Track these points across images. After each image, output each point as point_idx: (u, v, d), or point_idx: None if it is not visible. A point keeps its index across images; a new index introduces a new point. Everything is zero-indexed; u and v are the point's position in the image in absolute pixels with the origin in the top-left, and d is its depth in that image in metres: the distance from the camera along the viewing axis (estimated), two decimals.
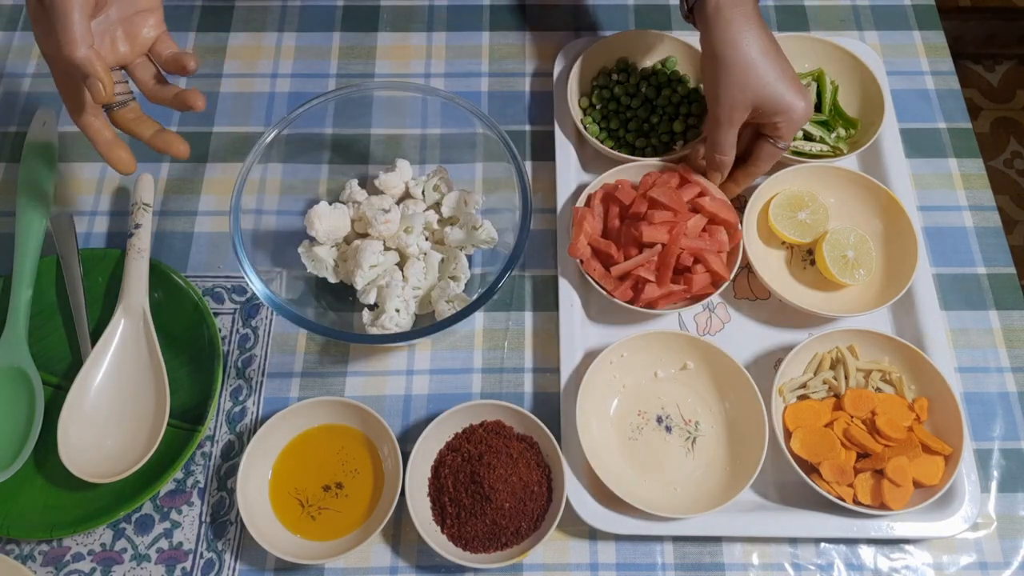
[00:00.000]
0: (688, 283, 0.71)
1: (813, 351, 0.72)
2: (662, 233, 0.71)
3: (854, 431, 0.67)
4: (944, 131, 0.87)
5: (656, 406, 0.72)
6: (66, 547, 0.67)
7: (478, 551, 0.65)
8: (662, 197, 0.72)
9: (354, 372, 0.74)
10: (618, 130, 0.82)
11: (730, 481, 0.67)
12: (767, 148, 0.73)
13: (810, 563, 0.67)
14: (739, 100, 0.68)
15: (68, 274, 0.74)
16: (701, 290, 0.72)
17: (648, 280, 0.71)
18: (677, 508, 0.66)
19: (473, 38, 0.92)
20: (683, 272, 0.72)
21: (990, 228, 0.81)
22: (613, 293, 0.72)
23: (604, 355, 0.70)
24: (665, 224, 0.71)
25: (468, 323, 0.76)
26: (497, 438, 0.67)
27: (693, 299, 0.73)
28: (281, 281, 0.72)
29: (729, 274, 0.72)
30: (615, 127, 0.82)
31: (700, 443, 0.70)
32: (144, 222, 0.76)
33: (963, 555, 0.68)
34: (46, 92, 0.88)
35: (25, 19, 0.93)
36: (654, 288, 0.71)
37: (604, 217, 0.76)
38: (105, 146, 0.61)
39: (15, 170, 0.83)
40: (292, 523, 0.67)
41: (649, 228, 0.71)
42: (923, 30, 0.93)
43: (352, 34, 0.92)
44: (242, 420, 0.72)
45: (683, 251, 0.71)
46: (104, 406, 0.70)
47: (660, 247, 0.71)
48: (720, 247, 0.73)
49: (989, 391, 0.74)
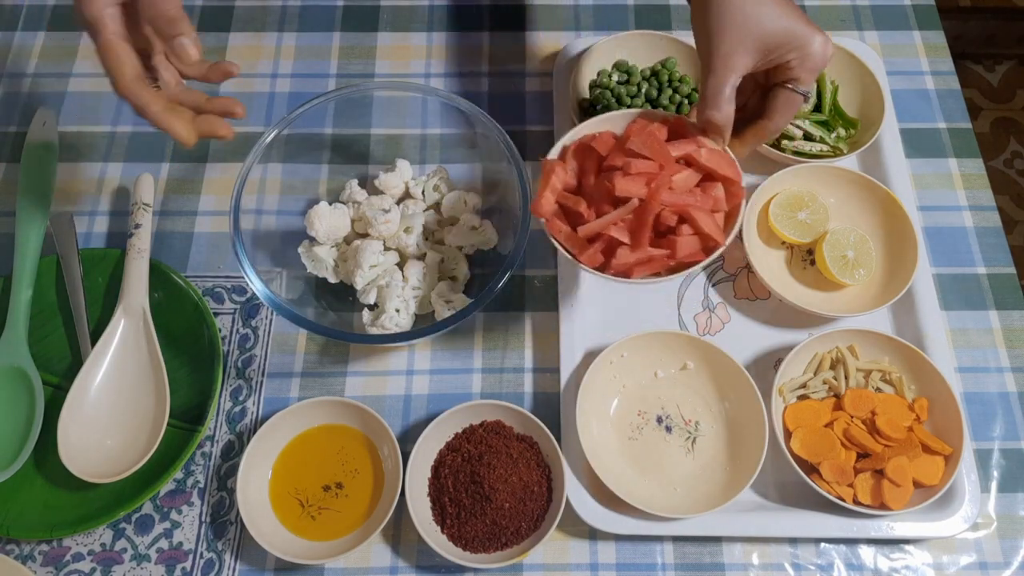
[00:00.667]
0: (672, 247, 0.59)
1: (813, 351, 0.72)
2: (639, 186, 0.58)
3: (854, 431, 0.67)
4: (944, 131, 0.87)
5: (656, 406, 0.72)
6: (66, 547, 0.67)
7: (478, 551, 0.65)
8: (642, 147, 0.60)
9: (354, 372, 0.74)
10: None
11: (730, 481, 0.67)
12: (783, 95, 0.61)
13: (810, 563, 0.67)
14: (738, 41, 0.57)
15: (68, 274, 0.74)
16: (688, 256, 0.60)
17: (621, 242, 0.59)
18: (677, 508, 0.66)
19: (473, 38, 0.92)
20: (667, 234, 0.60)
21: (990, 228, 0.81)
22: (580, 258, 0.61)
23: (604, 355, 0.70)
24: (643, 176, 0.59)
25: (468, 323, 0.76)
26: (497, 438, 0.67)
27: (678, 267, 0.61)
28: (281, 281, 0.72)
29: (724, 238, 0.60)
30: None
31: (700, 443, 0.70)
32: (144, 222, 0.76)
33: (963, 555, 0.68)
34: (46, 92, 0.88)
35: (26, 19, 0.93)
36: (628, 252, 0.59)
37: (579, 173, 0.64)
38: (161, 116, 0.56)
39: (15, 170, 0.83)
40: (292, 523, 0.67)
41: (623, 180, 0.58)
42: (923, 30, 0.93)
43: (352, 34, 0.92)
44: (242, 420, 0.72)
45: (665, 208, 0.59)
46: (104, 406, 0.70)
47: (637, 203, 0.59)
48: (715, 205, 0.60)
49: (989, 391, 0.74)
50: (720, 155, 0.62)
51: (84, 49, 0.91)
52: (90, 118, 0.87)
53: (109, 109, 0.87)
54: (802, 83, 0.60)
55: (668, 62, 0.84)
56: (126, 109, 0.87)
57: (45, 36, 0.92)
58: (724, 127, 0.61)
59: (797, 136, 0.81)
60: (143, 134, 0.86)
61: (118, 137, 0.86)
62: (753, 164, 0.84)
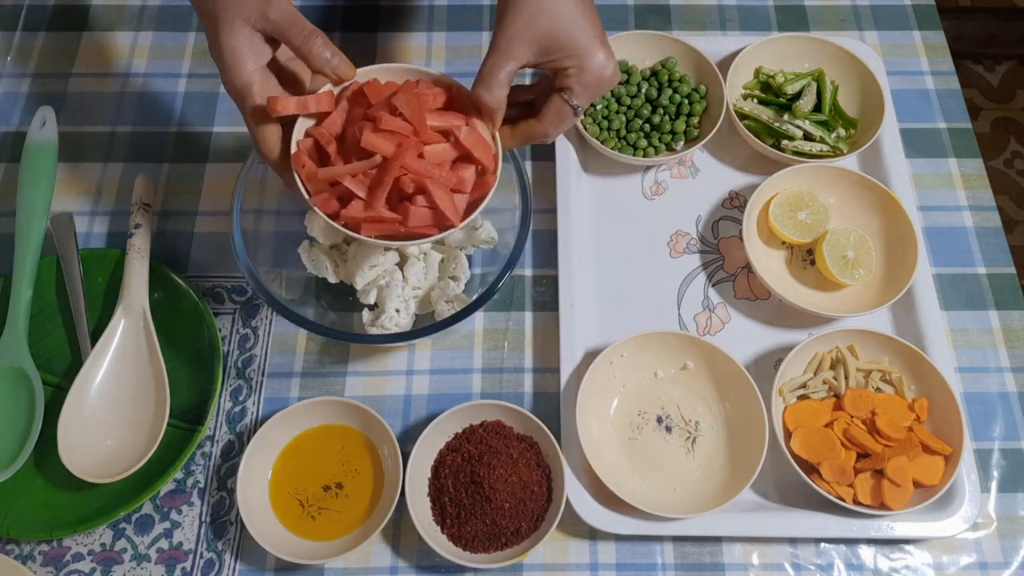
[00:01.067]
0: (405, 214, 0.58)
1: (813, 351, 0.72)
2: (386, 144, 0.57)
3: (854, 431, 0.67)
4: (944, 131, 0.87)
5: (656, 406, 0.72)
6: (66, 547, 0.67)
7: (478, 551, 0.65)
8: (403, 105, 0.58)
9: (354, 372, 0.74)
10: (619, 129, 0.82)
11: (730, 481, 0.67)
12: (556, 103, 0.61)
13: (810, 563, 0.67)
14: (525, 29, 0.57)
15: (68, 274, 0.74)
16: (419, 227, 0.58)
17: (356, 196, 0.58)
18: (677, 508, 0.66)
19: (473, 38, 0.92)
20: (403, 201, 0.59)
21: (990, 228, 0.81)
22: (315, 200, 0.59)
23: (604, 355, 0.70)
24: (395, 136, 0.57)
25: (468, 323, 0.76)
26: (497, 438, 0.67)
27: (408, 236, 0.59)
28: (281, 281, 0.72)
29: (459, 220, 0.59)
30: (617, 127, 0.82)
31: (700, 443, 0.70)
32: (144, 222, 0.76)
33: (963, 555, 0.68)
34: (46, 92, 0.88)
35: (26, 19, 0.93)
36: (360, 207, 0.58)
37: (347, 116, 0.61)
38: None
39: (15, 170, 0.83)
40: (292, 523, 0.67)
41: (372, 134, 0.57)
42: (923, 30, 0.93)
43: (352, 34, 0.92)
44: (242, 420, 0.72)
45: (406, 174, 0.57)
46: (104, 406, 0.70)
47: (379, 160, 0.57)
48: (458, 185, 0.59)
49: (989, 391, 0.74)
50: (482, 140, 0.60)
51: (84, 49, 0.91)
52: (90, 118, 0.87)
53: (109, 109, 0.87)
54: (575, 96, 0.60)
55: (668, 62, 0.84)
56: (126, 109, 0.88)
57: (45, 36, 0.92)
58: (494, 111, 0.60)
59: (797, 136, 0.81)
60: (143, 134, 0.86)
61: (118, 137, 0.86)
62: (753, 164, 0.84)
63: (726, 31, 0.93)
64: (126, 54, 0.91)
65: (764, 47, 0.85)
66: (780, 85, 0.84)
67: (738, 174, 0.84)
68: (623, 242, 0.80)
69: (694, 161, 0.85)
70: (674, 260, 0.80)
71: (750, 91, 0.85)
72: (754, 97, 0.85)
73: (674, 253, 0.80)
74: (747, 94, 0.85)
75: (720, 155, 0.85)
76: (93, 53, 0.91)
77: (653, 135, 0.82)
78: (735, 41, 0.88)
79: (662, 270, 0.79)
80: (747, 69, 0.86)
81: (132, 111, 0.87)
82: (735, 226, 0.81)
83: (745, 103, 0.84)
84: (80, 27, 0.92)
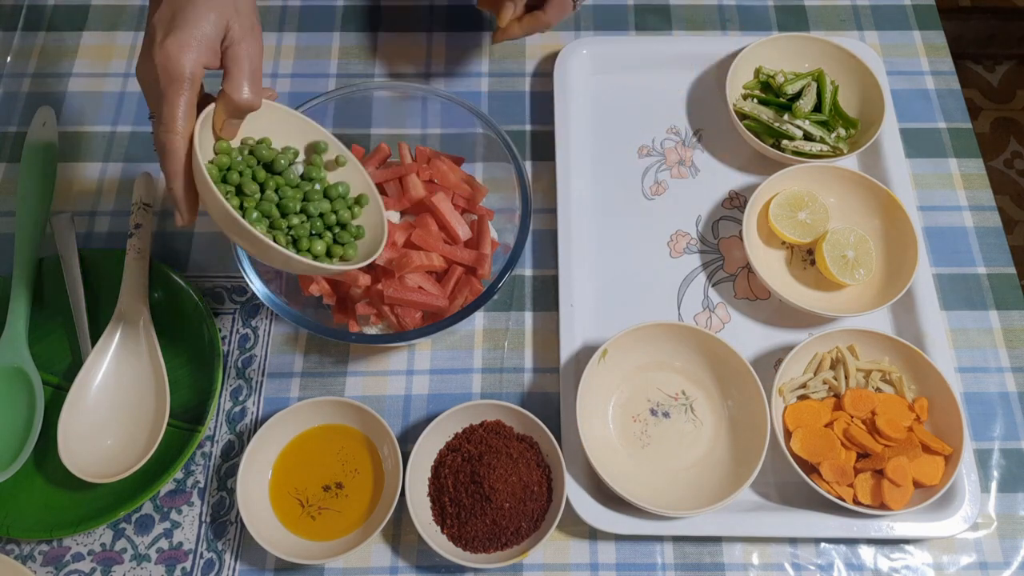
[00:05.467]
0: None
1: (813, 351, 0.72)
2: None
3: (854, 431, 0.67)
4: (944, 131, 0.87)
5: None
6: (66, 547, 0.67)
7: (478, 551, 0.65)
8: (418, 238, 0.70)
9: (354, 372, 0.74)
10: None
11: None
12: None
13: (810, 563, 0.67)
14: None
15: (68, 274, 0.74)
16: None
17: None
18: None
19: (473, 38, 0.92)
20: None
21: (990, 228, 0.81)
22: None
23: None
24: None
25: (468, 323, 0.76)
26: (497, 438, 0.67)
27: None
28: (281, 281, 0.72)
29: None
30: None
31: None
32: (144, 222, 0.76)
33: (963, 555, 0.68)
34: (46, 92, 0.88)
35: (26, 19, 0.93)
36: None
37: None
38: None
39: (15, 170, 0.83)
40: (292, 523, 0.67)
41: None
42: (923, 30, 0.93)
43: (352, 34, 0.92)
44: (242, 420, 0.72)
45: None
46: (104, 406, 0.69)
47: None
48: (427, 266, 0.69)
49: (989, 391, 0.74)
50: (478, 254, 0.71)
51: (84, 49, 0.91)
52: (90, 118, 0.87)
53: (109, 109, 0.87)
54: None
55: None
56: (126, 109, 0.87)
57: (45, 36, 0.92)
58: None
59: (797, 136, 0.81)
60: (143, 134, 0.86)
61: (118, 137, 0.86)
62: (753, 164, 0.84)
63: (726, 31, 0.93)
64: (126, 54, 0.91)
65: (764, 47, 0.85)
66: (780, 85, 0.84)
67: (738, 174, 0.84)
68: (623, 242, 0.80)
69: (694, 161, 0.85)
70: (674, 260, 0.80)
71: (750, 91, 0.85)
72: (754, 97, 0.85)
73: (674, 253, 0.80)
74: (747, 94, 0.85)
75: (720, 155, 0.85)
76: (93, 53, 0.91)
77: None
78: (735, 41, 0.88)
79: (662, 270, 0.79)
80: (747, 69, 0.86)
81: (132, 111, 0.87)
82: (735, 226, 0.81)
83: (745, 103, 0.84)
84: (80, 27, 0.92)
